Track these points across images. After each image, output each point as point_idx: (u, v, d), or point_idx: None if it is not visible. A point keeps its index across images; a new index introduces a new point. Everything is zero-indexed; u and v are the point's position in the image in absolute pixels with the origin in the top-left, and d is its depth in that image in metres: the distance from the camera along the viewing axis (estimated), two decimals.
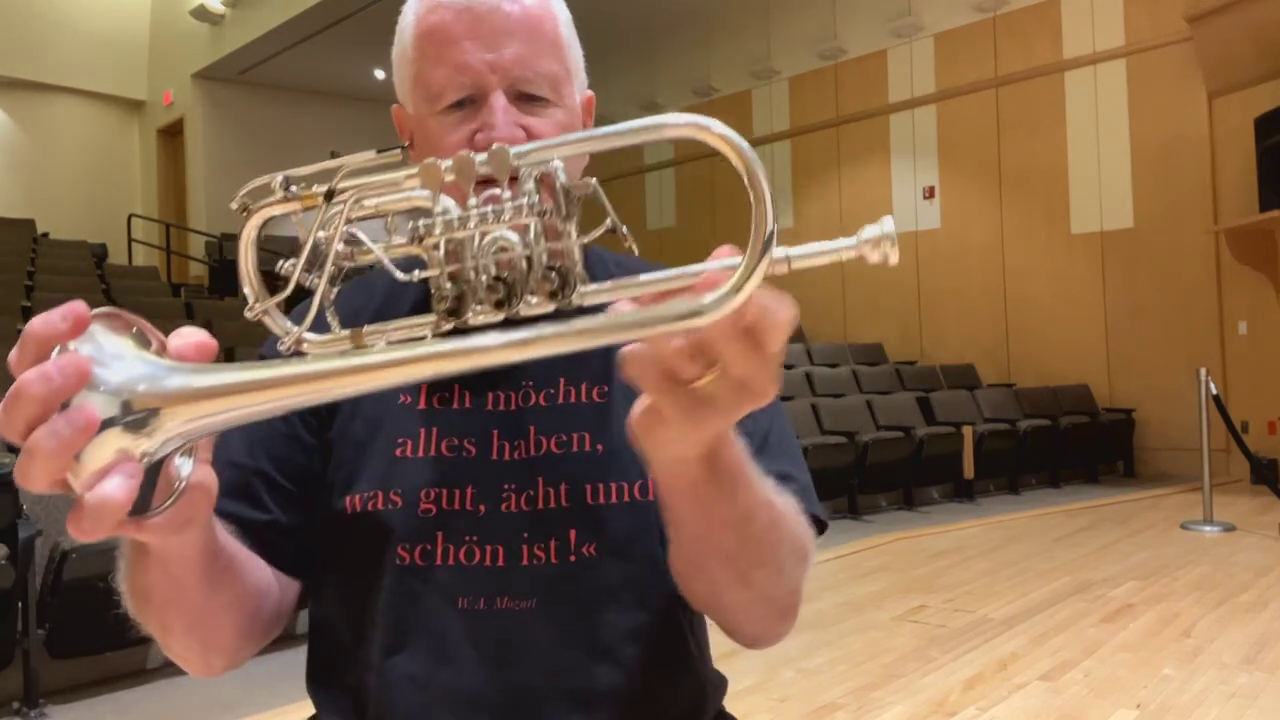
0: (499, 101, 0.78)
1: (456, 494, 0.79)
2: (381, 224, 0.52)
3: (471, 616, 0.77)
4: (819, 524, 0.81)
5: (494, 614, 0.77)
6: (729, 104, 11.67)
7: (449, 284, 0.48)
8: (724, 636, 0.79)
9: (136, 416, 0.45)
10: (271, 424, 0.83)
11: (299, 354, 0.50)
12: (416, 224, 0.48)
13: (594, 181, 0.47)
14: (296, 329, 0.51)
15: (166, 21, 12.53)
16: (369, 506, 0.79)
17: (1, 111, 12.25)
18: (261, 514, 0.80)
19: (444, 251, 0.48)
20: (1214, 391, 5.64)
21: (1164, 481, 7.83)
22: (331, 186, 0.49)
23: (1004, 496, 7.39)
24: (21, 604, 2.97)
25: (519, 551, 0.78)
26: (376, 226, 0.52)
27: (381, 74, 11.84)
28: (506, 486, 0.79)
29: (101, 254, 10.97)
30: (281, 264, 0.50)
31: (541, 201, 0.46)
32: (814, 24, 10.59)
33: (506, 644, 0.77)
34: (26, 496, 3.08)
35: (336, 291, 0.51)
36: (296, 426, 0.82)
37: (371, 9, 9.42)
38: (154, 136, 12.95)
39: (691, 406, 0.50)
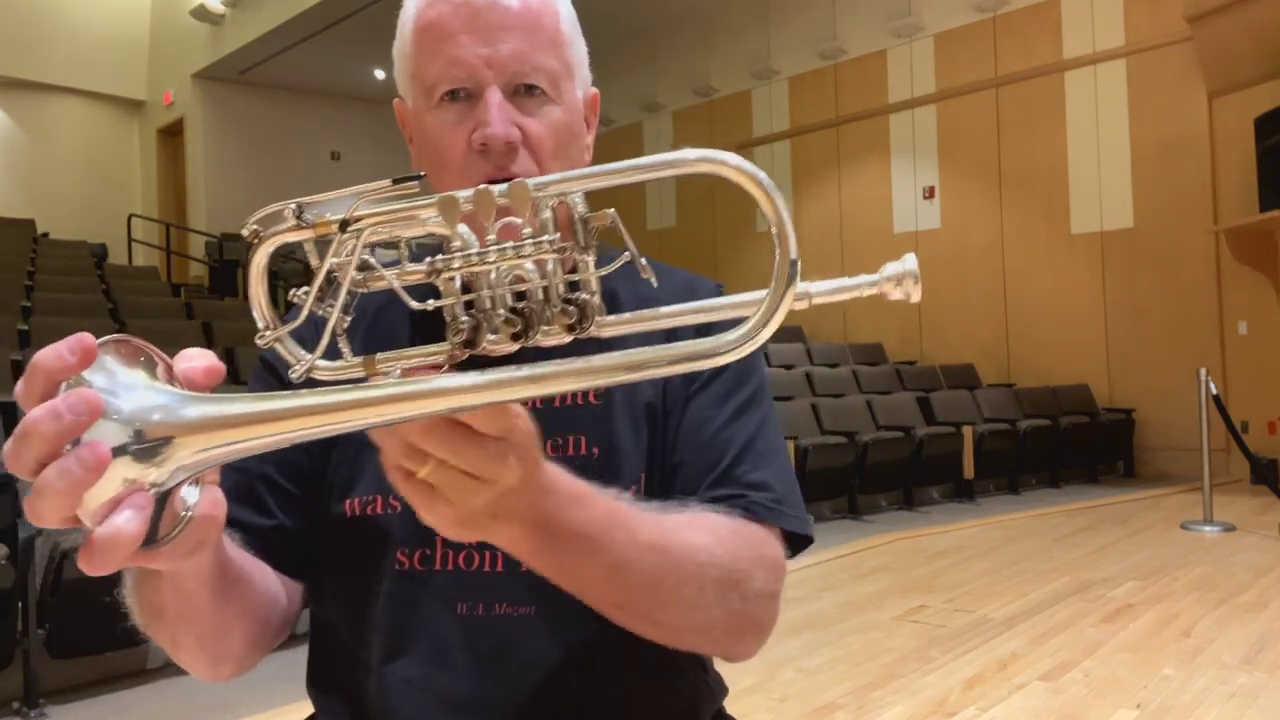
0: (494, 98, 0.77)
1: None
2: (393, 249, 0.51)
3: (470, 622, 0.77)
4: (801, 539, 0.81)
5: (493, 620, 0.77)
6: (729, 104, 11.67)
7: (464, 315, 0.47)
8: None
9: (147, 446, 0.45)
10: None
11: (312, 381, 0.50)
12: (435, 259, 0.47)
13: (612, 212, 0.47)
14: (309, 357, 0.50)
15: (166, 21, 12.53)
16: (368, 511, 0.79)
17: (1, 111, 12.25)
18: (266, 519, 0.79)
19: (460, 282, 0.47)
20: (1214, 391, 5.64)
21: (1164, 481, 7.83)
22: (346, 216, 0.48)
23: (1004, 496, 7.39)
24: (21, 604, 2.96)
25: None
26: (389, 251, 0.52)
27: (381, 74, 11.84)
28: None
29: (101, 254, 10.96)
30: (294, 292, 0.50)
31: (558, 235, 0.46)
32: (814, 24, 10.59)
33: (505, 650, 0.77)
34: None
35: (350, 320, 0.51)
36: None
37: (371, 9, 9.42)
38: (154, 136, 12.96)
39: (420, 494, 0.51)
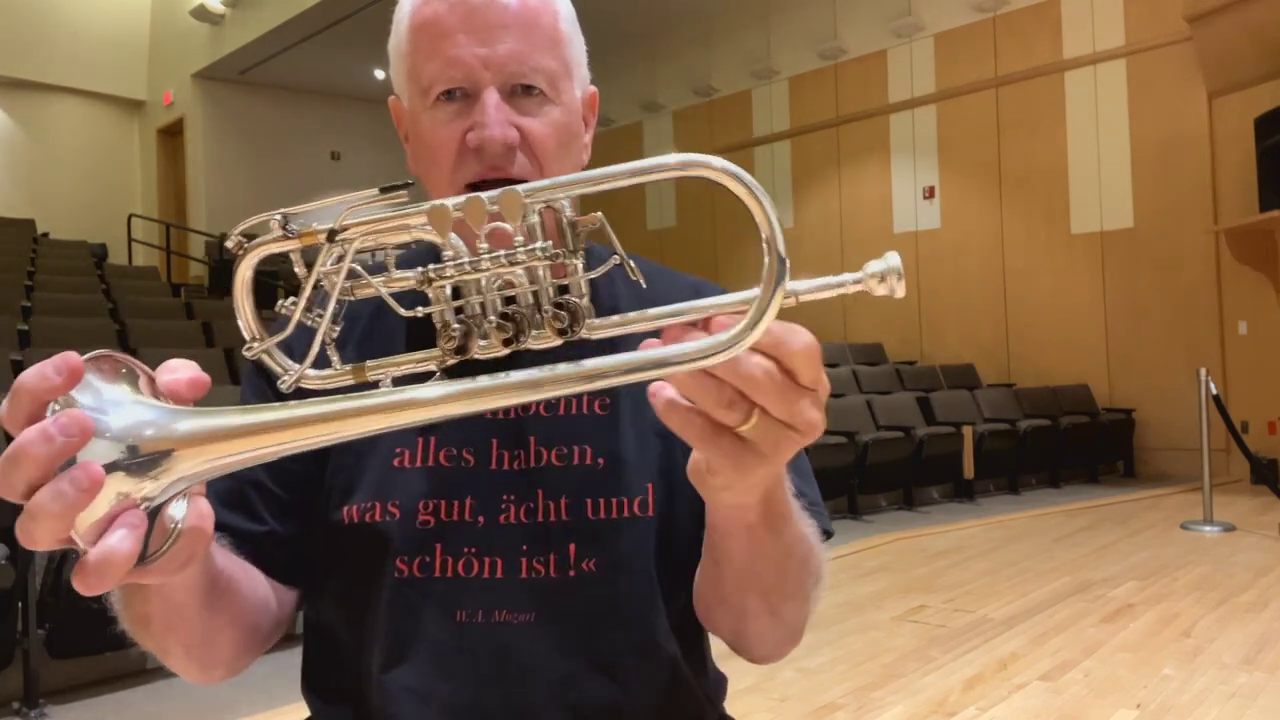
0: (491, 99, 0.76)
1: (455, 505, 0.78)
2: (380, 256, 0.51)
3: (470, 629, 0.77)
4: (826, 535, 0.82)
5: (492, 627, 0.76)
6: (729, 104, 11.67)
7: (455, 322, 0.47)
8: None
9: (137, 462, 0.44)
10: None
11: (301, 390, 0.50)
12: (427, 269, 0.47)
13: (600, 216, 0.47)
14: (298, 368, 0.50)
15: (166, 21, 12.53)
16: (367, 518, 0.78)
17: (1, 111, 12.25)
18: (258, 525, 0.79)
19: (449, 289, 0.47)
20: (1214, 391, 5.64)
21: (1164, 481, 7.83)
22: (334, 226, 0.48)
23: (1004, 496, 7.39)
24: (21, 604, 2.96)
25: (518, 564, 0.77)
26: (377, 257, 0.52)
27: (381, 74, 11.84)
28: (505, 498, 0.78)
29: (101, 254, 10.97)
30: (282, 303, 0.49)
31: (550, 243, 0.46)
32: (814, 24, 10.59)
33: (505, 657, 0.76)
34: None
35: (340, 330, 0.50)
36: None
37: (371, 9, 9.42)
38: (154, 136, 12.96)
39: (737, 453, 0.50)
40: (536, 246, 0.45)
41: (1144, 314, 8.44)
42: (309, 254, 0.49)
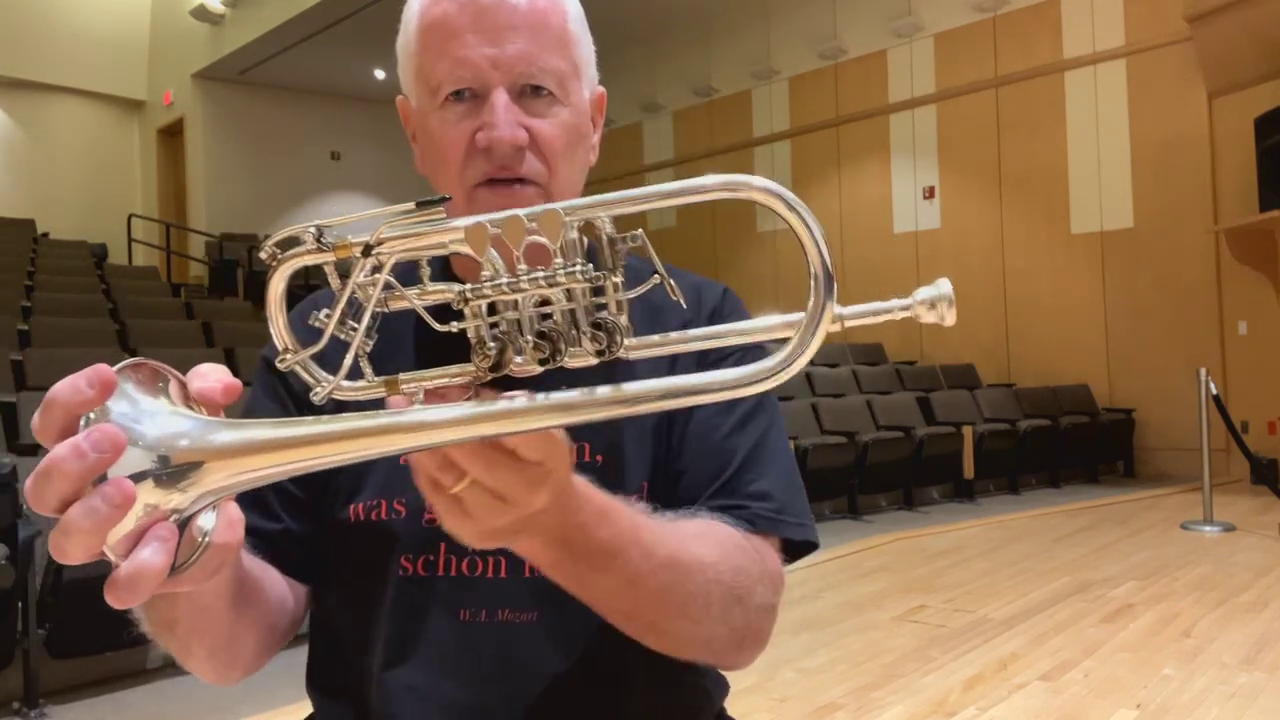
0: (500, 99, 0.76)
1: None
2: (414, 267, 0.51)
3: (473, 628, 0.77)
4: (801, 545, 0.80)
5: (495, 626, 0.77)
6: (729, 104, 11.67)
7: (491, 340, 0.47)
8: None
9: (169, 473, 0.44)
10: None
11: (336, 403, 0.50)
12: (465, 289, 0.47)
13: (640, 233, 0.46)
14: (332, 379, 0.50)
15: (166, 21, 12.53)
16: (373, 516, 0.78)
17: (1, 111, 12.25)
18: (274, 523, 0.79)
19: (485, 305, 0.47)
20: (1214, 391, 5.64)
21: (1164, 481, 7.83)
22: (369, 241, 0.48)
23: (1004, 496, 7.39)
24: (21, 604, 2.96)
25: (521, 563, 0.76)
26: (409, 268, 0.51)
27: (381, 74, 11.84)
28: None
29: (101, 254, 10.97)
30: (315, 315, 0.49)
31: (590, 265, 0.45)
32: (814, 24, 10.59)
33: (507, 656, 0.76)
34: (27, 497, 3.07)
35: (374, 344, 0.50)
36: None
37: (371, 9, 9.42)
38: (154, 136, 12.96)
39: (447, 506, 0.52)
40: (576, 269, 0.45)
41: (1144, 314, 8.44)
42: (343, 266, 0.49)
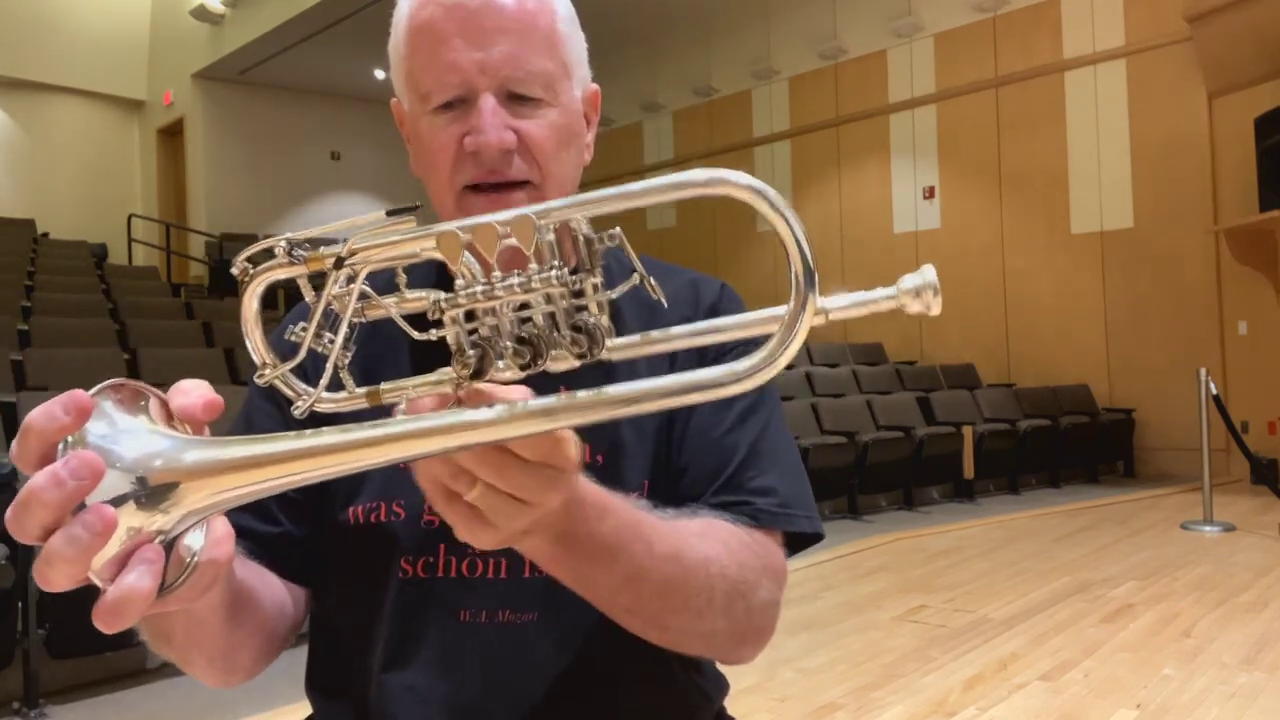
0: (487, 104, 0.76)
1: None
2: (391, 275, 0.50)
3: (473, 629, 0.77)
4: (806, 537, 0.81)
5: (495, 627, 0.77)
6: (729, 104, 11.67)
7: (470, 348, 0.46)
8: None
9: (151, 494, 0.44)
10: (276, 424, 0.83)
11: (314, 413, 0.50)
12: (440, 300, 0.46)
13: (618, 231, 0.45)
14: (313, 392, 0.50)
15: (166, 21, 12.53)
16: (372, 518, 0.78)
17: (1, 111, 12.25)
18: (272, 527, 0.79)
19: (464, 313, 0.46)
20: (1214, 391, 5.64)
21: (1164, 481, 7.82)
22: (340, 254, 0.47)
23: (1004, 496, 7.39)
24: (21, 604, 2.96)
25: (521, 564, 0.77)
26: (386, 277, 0.50)
27: (381, 74, 11.83)
28: None
29: (101, 254, 10.98)
30: (292, 329, 0.49)
31: (565, 269, 0.44)
32: (814, 24, 10.59)
33: (507, 657, 0.76)
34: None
35: (352, 355, 0.50)
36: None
37: (371, 9, 9.42)
38: (154, 136, 12.96)
39: (467, 518, 0.51)
40: (551, 274, 0.44)
41: (1144, 314, 8.44)
42: (317, 278, 0.49)
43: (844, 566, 4.89)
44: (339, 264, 0.47)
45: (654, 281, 0.47)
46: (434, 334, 0.48)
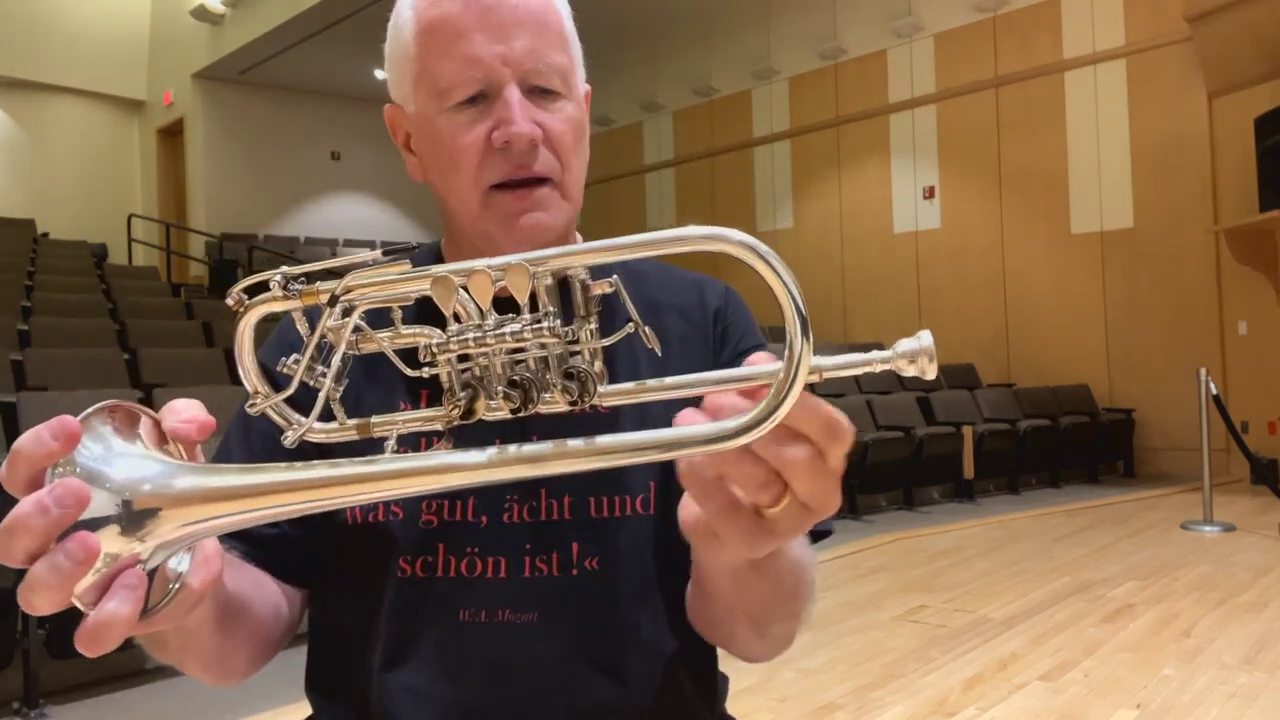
0: (514, 95, 0.75)
1: (458, 505, 0.78)
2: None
3: (473, 629, 0.77)
4: (818, 534, 0.81)
5: (495, 626, 0.77)
6: (729, 104, 11.67)
7: (460, 387, 0.46)
8: None
9: (135, 518, 0.44)
10: (272, 434, 0.82)
11: (304, 443, 0.50)
12: (431, 344, 0.46)
13: (615, 278, 0.45)
14: (304, 422, 0.50)
15: (166, 21, 12.53)
16: (370, 518, 0.78)
17: (1, 111, 12.25)
18: (270, 528, 0.79)
19: (456, 354, 0.47)
20: (1214, 391, 5.64)
21: (1164, 481, 7.83)
22: (335, 292, 0.48)
23: (1004, 496, 7.39)
24: None
25: (521, 563, 0.77)
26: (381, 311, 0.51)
27: (381, 74, 11.79)
28: (509, 497, 0.78)
29: (101, 254, 10.98)
30: (284, 361, 0.49)
31: (559, 321, 0.44)
32: (814, 24, 10.59)
33: (508, 657, 0.76)
34: None
35: (343, 388, 0.50)
36: None
37: (371, 9, 9.42)
38: (154, 136, 12.96)
39: (752, 530, 0.49)
40: (544, 325, 0.44)
41: (1144, 314, 8.44)
42: (311, 311, 0.49)
43: (844, 566, 4.89)
44: (333, 301, 0.48)
45: (649, 330, 0.47)
46: (426, 372, 0.48)
